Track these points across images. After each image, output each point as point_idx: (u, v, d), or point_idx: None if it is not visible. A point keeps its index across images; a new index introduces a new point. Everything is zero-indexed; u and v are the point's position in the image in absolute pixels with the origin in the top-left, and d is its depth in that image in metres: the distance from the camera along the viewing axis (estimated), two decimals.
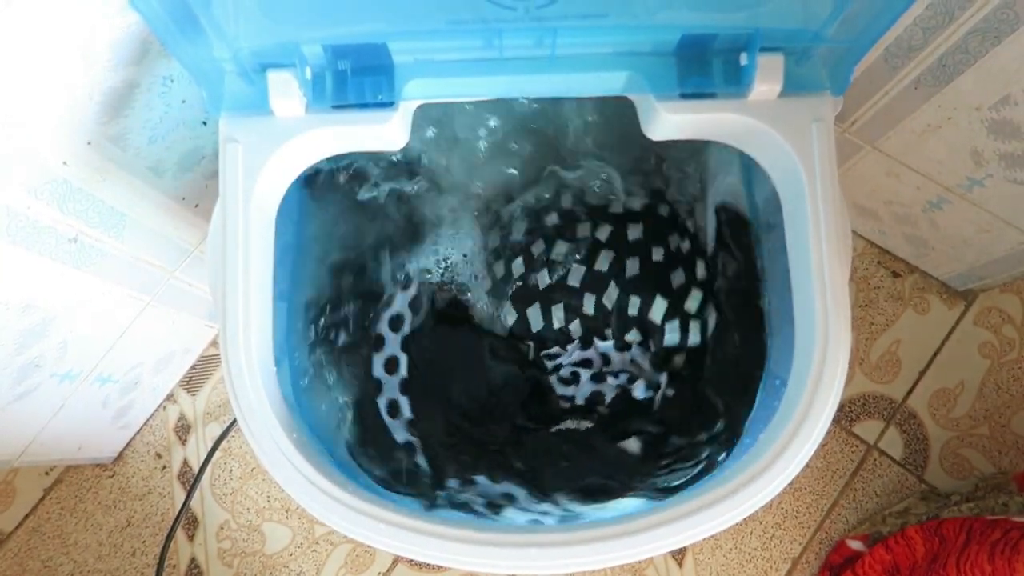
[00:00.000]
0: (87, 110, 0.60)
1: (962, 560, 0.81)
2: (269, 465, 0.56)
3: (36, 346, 0.72)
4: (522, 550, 0.55)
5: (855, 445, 1.01)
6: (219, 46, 0.53)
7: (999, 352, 1.03)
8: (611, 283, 0.80)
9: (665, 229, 0.80)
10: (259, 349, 0.58)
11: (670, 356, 0.77)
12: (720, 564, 0.99)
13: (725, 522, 0.56)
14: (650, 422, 0.72)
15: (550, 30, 0.55)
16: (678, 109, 0.58)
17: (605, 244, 0.80)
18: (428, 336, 0.79)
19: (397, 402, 0.76)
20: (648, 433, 0.71)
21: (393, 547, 0.55)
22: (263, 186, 0.58)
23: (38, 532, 1.02)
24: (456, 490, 0.71)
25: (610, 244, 0.80)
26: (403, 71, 0.58)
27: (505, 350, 0.80)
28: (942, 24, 0.66)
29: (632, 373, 0.79)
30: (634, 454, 0.70)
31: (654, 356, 0.78)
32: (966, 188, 0.83)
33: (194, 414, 1.05)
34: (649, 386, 0.75)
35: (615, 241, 0.80)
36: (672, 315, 0.77)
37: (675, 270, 0.79)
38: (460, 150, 0.79)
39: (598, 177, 0.80)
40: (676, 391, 0.74)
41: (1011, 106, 0.69)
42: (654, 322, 0.77)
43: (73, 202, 0.64)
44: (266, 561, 1.00)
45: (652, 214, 0.81)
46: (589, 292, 0.80)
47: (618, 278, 0.79)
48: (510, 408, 0.78)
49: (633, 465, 0.69)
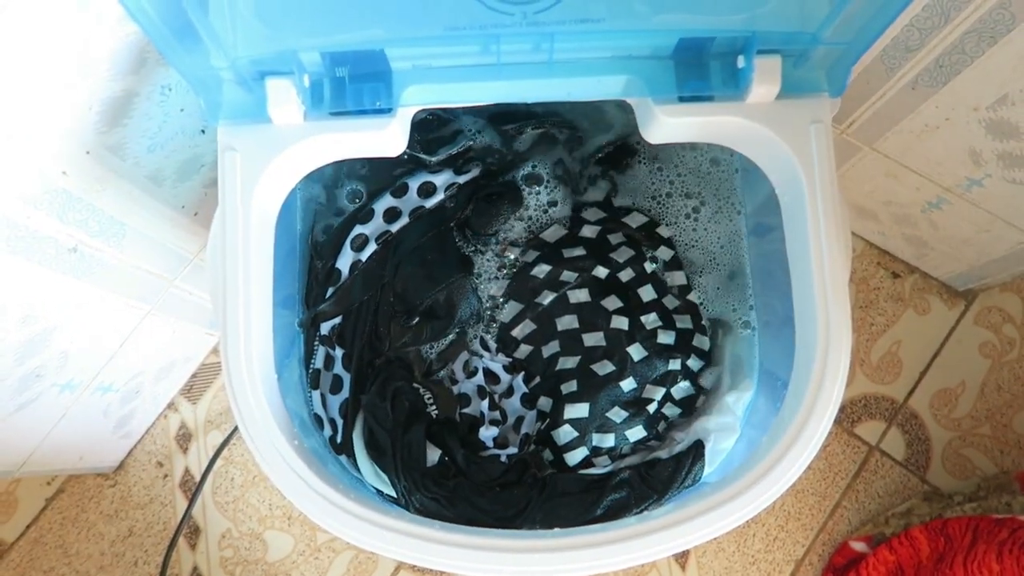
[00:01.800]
0: (86, 120, 0.60)
1: (969, 560, 0.81)
2: (271, 472, 0.56)
3: (37, 356, 0.72)
4: (526, 555, 0.55)
5: (857, 446, 1.01)
6: (217, 55, 0.54)
7: (1000, 352, 1.03)
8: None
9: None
10: (260, 356, 0.58)
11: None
12: (723, 567, 0.99)
13: (728, 524, 0.56)
14: (461, 456, 0.68)
15: (548, 35, 0.55)
16: (676, 112, 0.58)
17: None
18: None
19: (366, 239, 0.74)
20: (452, 461, 0.69)
21: (395, 553, 0.55)
22: (262, 193, 0.58)
23: (40, 542, 1.02)
24: (321, 337, 0.72)
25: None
26: (401, 77, 0.58)
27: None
28: (939, 25, 0.67)
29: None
30: (427, 459, 0.67)
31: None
32: (965, 188, 0.83)
33: (195, 422, 1.04)
34: (495, 437, 0.73)
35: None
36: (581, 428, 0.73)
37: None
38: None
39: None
40: (510, 459, 0.71)
41: (1008, 106, 0.69)
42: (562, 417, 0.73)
43: (73, 212, 0.64)
44: (268, 569, 1.00)
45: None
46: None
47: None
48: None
49: (415, 463, 0.67)
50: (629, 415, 0.71)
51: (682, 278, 0.76)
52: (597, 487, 0.66)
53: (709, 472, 0.66)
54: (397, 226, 0.74)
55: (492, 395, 0.74)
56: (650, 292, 0.75)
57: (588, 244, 0.77)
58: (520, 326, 0.76)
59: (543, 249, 0.77)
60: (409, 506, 0.65)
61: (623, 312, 0.74)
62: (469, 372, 0.75)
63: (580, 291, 0.75)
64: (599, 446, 0.71)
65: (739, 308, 0.75)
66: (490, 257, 0.78)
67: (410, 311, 0.74)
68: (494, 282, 0.78)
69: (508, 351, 0.76)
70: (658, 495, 0.65)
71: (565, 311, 0.75)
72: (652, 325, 0.74)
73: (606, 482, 0.66)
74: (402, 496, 0.66)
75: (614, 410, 0.71)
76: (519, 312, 0.76)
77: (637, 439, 0.71)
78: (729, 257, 0.76)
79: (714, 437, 0.67)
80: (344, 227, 0.74)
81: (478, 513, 0.65)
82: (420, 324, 0.74)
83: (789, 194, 0.60)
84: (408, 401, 0.70)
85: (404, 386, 0.71)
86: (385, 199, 0.75)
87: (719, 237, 0.77)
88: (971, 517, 0.86)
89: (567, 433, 0.71)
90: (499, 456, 0.70)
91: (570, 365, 0.74)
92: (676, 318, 0.75)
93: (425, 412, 0.71)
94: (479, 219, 0.76)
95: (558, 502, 0.65)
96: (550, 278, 0.76)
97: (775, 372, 0.67)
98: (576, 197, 0.79)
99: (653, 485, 0.65)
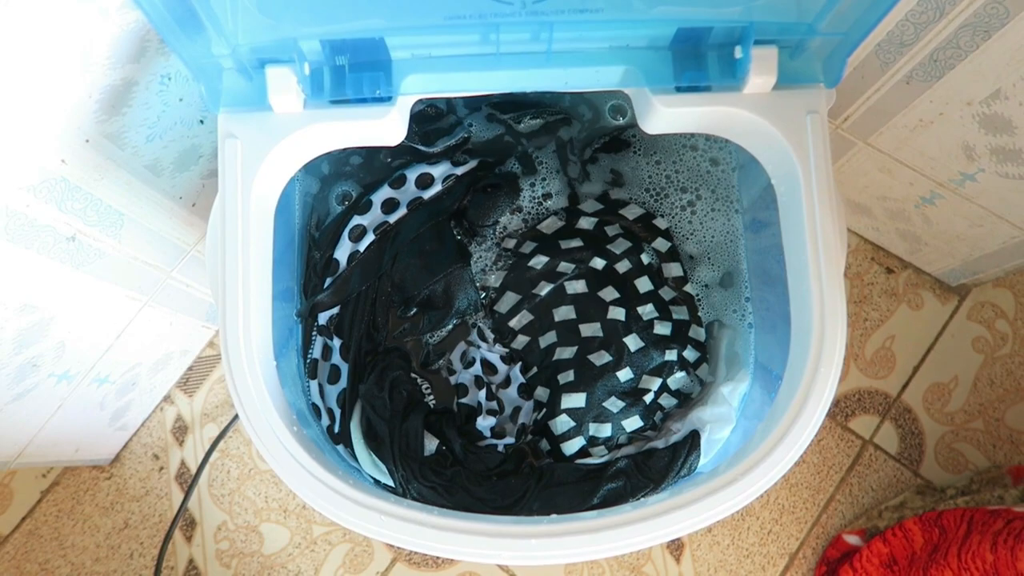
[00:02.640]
0: (86, 108, 0.60)
1: (964, 550, 0.81)
2: (269, 457, 0.56)
3: (34, 346, 0.72)
4: (523, 541, 0.55)
5: (851, 440, 1.02)
6: (218, 42, 0.54)
7: (992, 347, 1.04)
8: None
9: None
10: (259, 343, 0.58)
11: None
12: (718, 559, 0.99)
13: (723, 512, 0.56)
14: (461, 446, 0.69)
15: (546, 25, 0.56)
16: (674, 103, 0.59)
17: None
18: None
19: (364, 229, 0.75)
20: (450, 450, 0.69)
21: (394, 539, 0.55)
22: (262, 181, 0.59)
23: (35, 535, 1.01)
24: (319, 327, 0.72)
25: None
26: (400, 66, 0.59)
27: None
28: (933, 19, 0.67)
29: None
30: (424, 448, 0.68)
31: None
32: (958, 183, 0.84)
33: (191, 415, 1.05)
34: (491, 427, 0.73)
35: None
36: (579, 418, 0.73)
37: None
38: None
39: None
40: (507, 449, 0.71)
41: (1002, 100, 0.70)
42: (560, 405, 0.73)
43: (71, 200, 0.65)
44: (264, 561, 1.00)
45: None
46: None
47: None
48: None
49: (413, 453, 0.67)
50: (626, 405, 0.72)
51: (678, 270, 0.76)
52: (594, 476, 0.66)
53: (704, 462, 0.67)
54: (395, 217, 0.74)
55: (489, 385, 0.74)
56: (647, 283, 0.76)
57: (585, 236, 0.77)
58: (517, 316, 0.76)
59: (540, 240, 0.77)
60: (407, 495, 0.65)
61: (620, 303, 0.75)
62: (467, 362, 0.75)
63: (577, 282, 0.76)
64: (596, 436, 0.71)
65: (735, 301, 0.76)
66: (488, 247, 0.79)
67: (408, 301, 0.75)
68: (491, 273, 0.78)
69: (505, 341, 0.77)
70: (654, 484, 0.65)
71: (562, 302, 0.76)
72: (648, 316, 0.74)
73: (603, 471, 0.66)
74: (399, 485, 0.66)
75: (611, 400, 0.72)
76: (516, 303, 0.76)
77: (633, 429, 0.72)
78: (726, 252, 0.77)
79: (710, 428, 0.67)
80: (342, 218, 0.75)
81: (475, 502, 0.65)
82: (418, 314, 0.75)
83: (785, 184, 0.61)
84: (406, 391, 0.71)
85: (402, 376, 0.71)
86: (383, 190, 0.75)
87: (715, 232, 0.77)
88: (966, 508, 0.87)
89: (564, 423, 0.71)
90: (496, 446, 0.70)
91: (567, 355, 0.74)
92: (672, 309, 0.76)
93: (423, 402, 0.72)
94: (476, 210, 0.76)
95: (555, 491, 0.66)
96: (547, 269, 0.76)
97: (769, 367, 0.68)
98: (575, 186, 0.79)
99: (649, 475, 0.65)
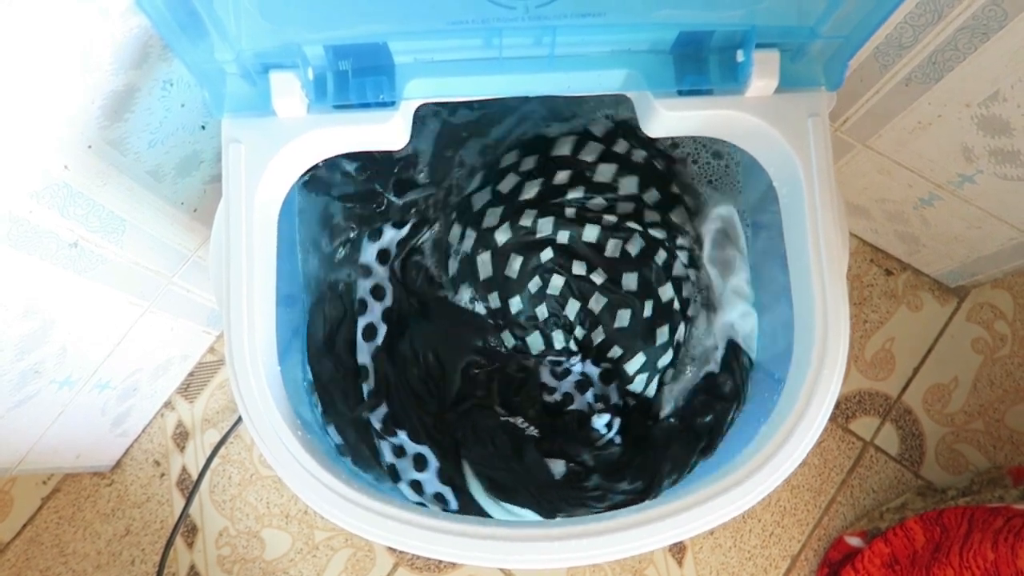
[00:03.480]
0: (88, 114, 0.60)
1: (965, 548, 0.81)
2: (275, 462, 0.56)
3: (36, 352, 0.72)
4: (527, 544, 0.55)
5: (851, 442, 1.02)
6: (222, 47, 0.54)
7: (992, 348, 1.04)
8: (600, 330, 0.80)
9: (658, 280, 0.79)
10: (263, 347, 0.58)
11: (626, 399, 0.79)
12: (720, 562, 0.99)
13: (726, 515, 0.56)
14: (587, 453, 0.72)
15: (549, 29, 0.56)
16: (676, 106, 0.59)
17: (599, 287, 0.79)
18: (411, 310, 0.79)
19: (374, 326, 0.77)
20: (578, 463, 0.71)
21: (397, 543, 0.55)
22: (266, 186, 0.59)
23: (36, 542, 1.01)
24: (377, 433, 0.74)
25: (603, 289, 0.79)
26: (404, 71, 0.59)
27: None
28: (932, 21, 0.68)
29: (602, 402, 0.79)
30: (553, 474, 0.70)
31: (619, 395, 0.79)
32: (957, 185, 0.84)
33: (192, 421, 1.04)
34: (606, 423, 0.75)
35: (607, 288, 0.79)
36: (645, 369, 0.78)
37: (661, 327, 0.78)
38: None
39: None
40: (622, 437, 0.74)
41: (1000, 102, 0.70)
42: (627, 372, 0.78)
43: (74, 207, 0.65)
44: (266, 567, 1.00)
45: (648, 261, 0.79)
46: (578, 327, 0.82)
47: (607, 327, 0.79)
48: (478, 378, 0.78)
49: (547, 482, 0.70)
50: (667, 329, 0.76)
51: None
52: (686, 424, 0.71)
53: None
54: (389, 299, 0.78)
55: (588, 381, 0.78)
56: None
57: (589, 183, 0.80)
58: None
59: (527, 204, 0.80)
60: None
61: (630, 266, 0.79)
62: (559, 375, 0.78)
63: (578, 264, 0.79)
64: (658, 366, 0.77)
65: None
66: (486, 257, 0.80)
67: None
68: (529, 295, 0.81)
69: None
70: (737, 402, 0.70)
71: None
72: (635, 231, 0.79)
73: (690, 417, 0.71)
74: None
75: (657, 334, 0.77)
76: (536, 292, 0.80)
77: (665, 364, 0.76)
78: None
79: (738, 326, 0.72)
80: (346, 326, 0.77)
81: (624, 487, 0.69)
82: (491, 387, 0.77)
83: (787, 186, 0.61)
84: (506, 434, 0.72)
85: (493, 424, 0.73)
86: (363, 283, 0.79)
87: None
88: (967, 507, 0.87)
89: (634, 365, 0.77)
90: (613, 439, 0.73)
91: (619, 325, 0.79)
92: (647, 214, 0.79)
93: (527, 436, 0.73)
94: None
95: (665, 453, 0.70)
96: (550, 265, 0.80)
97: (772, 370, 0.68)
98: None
99: (725, 396, 0.71)
